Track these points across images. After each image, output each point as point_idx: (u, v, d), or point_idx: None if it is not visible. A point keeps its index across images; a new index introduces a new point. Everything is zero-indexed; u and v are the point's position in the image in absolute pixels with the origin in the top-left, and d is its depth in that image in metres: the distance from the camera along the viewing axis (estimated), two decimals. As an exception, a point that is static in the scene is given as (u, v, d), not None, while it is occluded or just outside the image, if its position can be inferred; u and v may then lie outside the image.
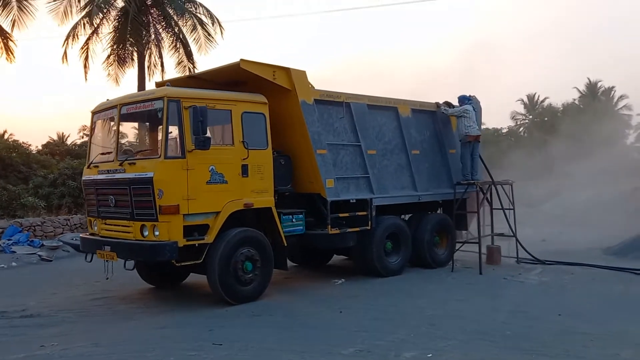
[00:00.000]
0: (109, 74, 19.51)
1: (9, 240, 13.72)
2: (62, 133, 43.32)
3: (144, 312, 8.06)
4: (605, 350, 5.97)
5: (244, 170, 8.33)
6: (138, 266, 9.33)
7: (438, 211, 12.12)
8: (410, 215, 11.57)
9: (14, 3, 14.83)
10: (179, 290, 9.55)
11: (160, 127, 8.05)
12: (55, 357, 6.00)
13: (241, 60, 8.48)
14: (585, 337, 6.44)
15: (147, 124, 9.21)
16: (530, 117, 52.04)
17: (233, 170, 8.23)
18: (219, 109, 8.22)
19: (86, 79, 18.78)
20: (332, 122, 9.65)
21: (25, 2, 15.00)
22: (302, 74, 9.13)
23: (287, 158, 9.33)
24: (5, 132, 37.01)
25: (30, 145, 30.77)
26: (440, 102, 11.59)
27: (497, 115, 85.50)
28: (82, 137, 41.17)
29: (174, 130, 7.89)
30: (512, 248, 12.23)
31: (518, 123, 52.96)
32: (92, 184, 8.68)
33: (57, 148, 35.73)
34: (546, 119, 49.13)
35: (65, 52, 18.22)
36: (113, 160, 8.22)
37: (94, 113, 9.00)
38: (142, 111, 8.14)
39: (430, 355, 5.86)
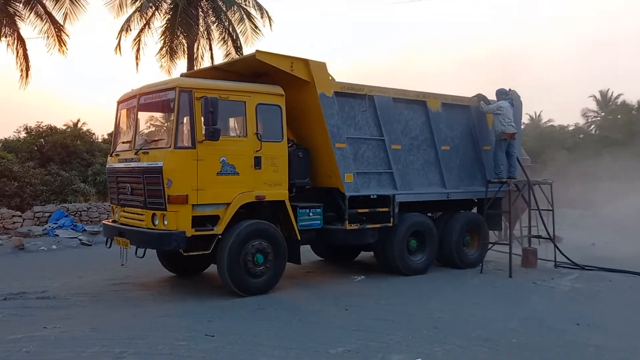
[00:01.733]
0: (161, 66, 20.00)
1: (54, 224, 14.33)
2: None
3: (154, 300, 8.19)
4: (610, 365, 5.54)
5: (257, 162, 8.28)
6: (159, 254, 9.59)
7: (473, 210, 11.71)
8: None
9: (66, -4, 15.47)
10: (197, 280, 9.64)
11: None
12: (51, 339, 6.16)
13: (257, 51, 8.42)
14: (596, 350, 5.99)
15: (165, 113, 9.33)
16: (603, 114, 49.50)
17: (245, 162, 8.19)
18: (233, 100, 8.20)
19: (137, 70, 19.36)
20: (354, 115, 9.43)
21: (78, -4, 15.61)
22: (322, 65, 8.96)
23: (305, 151, 9.22)
24: (78, 121, 38.77)
25: (94, 133, 32.10)
26: (474, 95, 11.12)
27: (567, 111, 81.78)
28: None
29: (186, 121, 7.92)
30: (553, 251, 11.59)
31: (589, 120, 50.54)
32: (113, 172, 8.89)
33: (121, 137, 36.97)
34: (619, 116, 46.62)
35: (119, 44, 18.80)
36: (131, 150, 8.38)
37: (119, 103, 9.19)
38: (158, 101, 8.23)
39: (419, 359, 5.61)
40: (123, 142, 8.90)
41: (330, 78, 9.12)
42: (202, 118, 7.69)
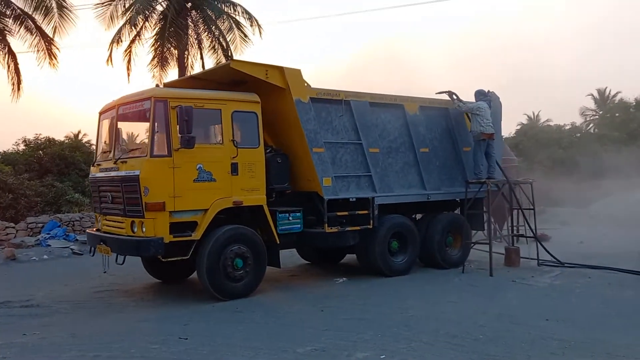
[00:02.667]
0: (153, 76, 20.21)
1: (47, 234, 14.54)
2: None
3: (136, 306, 8.37)
4: (569, 358, 5.67)
5: (234, 168, 8.45)
6: (143, 261, 9.78)
7: (457, 211, 11.84)
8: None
9: (55, 10, 15.69)
10: (182, 285, 9.79)
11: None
12: (29, 345, 6.34)
13: (232, 60, 8.68)
14: (560, 343, 6.12)
15: (143, 123, 9.51)
16: (601, 112, 49.58)
17: (222, 169, 8.37)
18: (209, 109, 8.40)
19: (129, 81, 19.58)
20: (331, 120, 9.60)
21: (65, 10, 15.83)
22: (297, 72, 9.14)
23: (284, 156, 9.38)
24: (79, 132, 39.00)
25: (94, 144, 32.30)
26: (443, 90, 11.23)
27: (566, 111, 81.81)
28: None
29: (162, 130, 8.11)
30: (540, 249, 11.67)
31: (587, 119, 50.62)
32: (95, 182, 9.09)
33: (121, 147, 37.20)
34: (617, 114, 46.67)
35: (110, 55, 19.03)
36: (111, 159, 8.58)
37: (100, 113, 9.39)
38: (135, 111, 8.45)
39: (384, 356, 5.76)
40: (104, 152, 9.10)
41: (305, 84, 9.31)
42: (178, 127, 7.87)
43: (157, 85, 8.51)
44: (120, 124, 8.78)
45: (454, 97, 11.06)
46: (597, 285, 9.38)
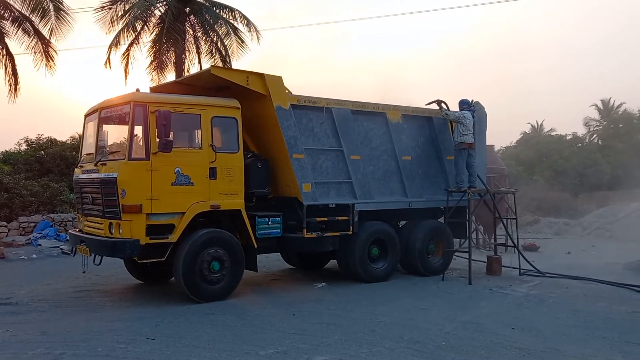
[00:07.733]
0: (152, 79, 20.40)
1: (38, 234, 14.72)
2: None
3: (112, 306, 8.50)
4: (522, 366, 5.76)
5: (212, 172, 8.58)
6: (125, 262, 9.92)
7: (441, 219, 11.92)
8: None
9: (52, 13, 15.89)
10: (162, 287, 9.92)
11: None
12: (-1, 342, 6.49)
13: (212, 67, 8.83)
14: (518, 352, 6.21)
15: (125, 126, 9.66)
16: (605, 123, 49.49)
17: (200, 173, 8.50)
18: (188, 114, 8.55)
19: (126, 83, 19.76)
20: (312, 127, 9.73)
21: (62, 12, 16.02)
22: (278, 79, 9.28)
23: (264, 162, 9.53)
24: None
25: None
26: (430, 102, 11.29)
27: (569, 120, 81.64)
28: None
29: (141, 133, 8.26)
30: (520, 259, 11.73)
31: (591, 130, 50.51)
32: (78, 183, 9.26)
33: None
34: (621, 125, 46.58)
35: (108, 58, 19.22)
36: (92, 161, 8.74)
37: (85, 116, 9.57)
38: (116, 114, 8.62)
39: (341, 360, 5.87)
40: (88, 154, 9.26)
41: (287, 91, 9.44)
42: (156, 130, 8.02)
43: (137, 90, 8.62)
44: (103, 127, 8.94)
45: (443, 105, 11.14)
46: (572, 295, 9.43)
